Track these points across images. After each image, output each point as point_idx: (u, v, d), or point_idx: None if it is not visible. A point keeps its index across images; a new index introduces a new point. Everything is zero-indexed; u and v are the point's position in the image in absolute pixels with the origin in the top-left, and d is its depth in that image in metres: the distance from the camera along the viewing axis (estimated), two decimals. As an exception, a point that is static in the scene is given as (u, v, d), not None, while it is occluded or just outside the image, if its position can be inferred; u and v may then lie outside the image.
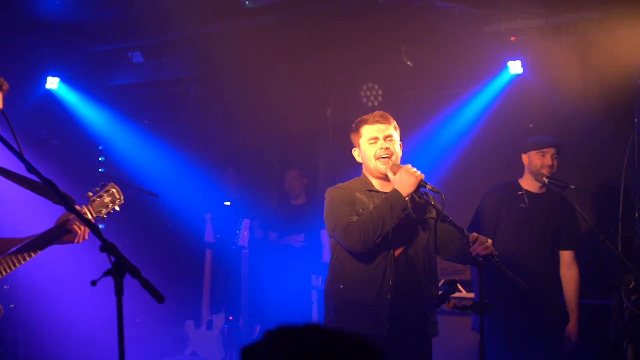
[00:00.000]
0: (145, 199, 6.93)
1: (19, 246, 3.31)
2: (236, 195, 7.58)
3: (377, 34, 6.53)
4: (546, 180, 5.13)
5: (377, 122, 3.87)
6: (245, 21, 6.50)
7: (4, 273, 3.27)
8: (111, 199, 3.60)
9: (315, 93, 7.47)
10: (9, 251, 3.31)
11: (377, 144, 3.83)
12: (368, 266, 3.76)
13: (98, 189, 3.61)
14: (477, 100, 6.79)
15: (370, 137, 3.86)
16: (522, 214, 5.05)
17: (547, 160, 5.07)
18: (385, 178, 3.87)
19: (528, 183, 5.16)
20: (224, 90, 7.77)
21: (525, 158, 5.18)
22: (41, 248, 3.37)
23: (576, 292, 5.15)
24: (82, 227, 3.44)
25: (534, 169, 5.10)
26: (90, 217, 3.51)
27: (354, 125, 3.95)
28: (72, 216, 3.40)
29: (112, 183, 3.64)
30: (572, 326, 5.12)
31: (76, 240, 3.47)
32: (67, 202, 2.48)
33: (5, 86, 3.28)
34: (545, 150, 5.09)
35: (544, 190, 5.15)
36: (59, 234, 3.45)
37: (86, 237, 3.49)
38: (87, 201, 3.55)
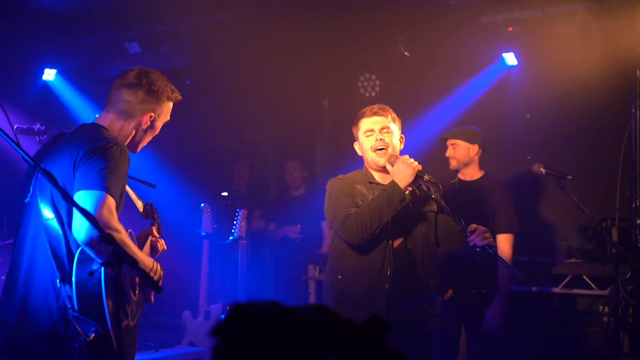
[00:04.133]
0: (142, 190, 6.91)
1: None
2: (234, 186, 7.58)
3: (374, 24, 6.51)
4: (543, 171, 5.15)
5: (375, 114, 3.88)
6: (242, 12, 6.49)
7: None
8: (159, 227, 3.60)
9: (312, 84, 7.46)
10: None
11: (373, 136, 3.84)
12: (366, 257, 3.77)
13: (157, 213, 3.63)
14: (475, 90, 6.79)
15: (366, 129, 3.87)
16: (453, 202, 5.02)
17: (448, 153, 5.29)
18: (384, 170, 3.87)
19: (461, 173, 5.32)
20: (221, 81, 7.75)
21: None
22: None
23: (505, 274, 4.98)
24: (162, 243, 3.47)
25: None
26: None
27: (354, 120, 3.97)
28: (153, 234, 3.43)
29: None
30: (496, 307, 5.01)
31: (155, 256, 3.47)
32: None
33: None
34: (446, 143, 5.31)
35: (476, 177, 5.27)
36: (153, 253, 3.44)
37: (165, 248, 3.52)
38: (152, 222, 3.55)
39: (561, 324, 6.07)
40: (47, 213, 2.88)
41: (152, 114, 3.15)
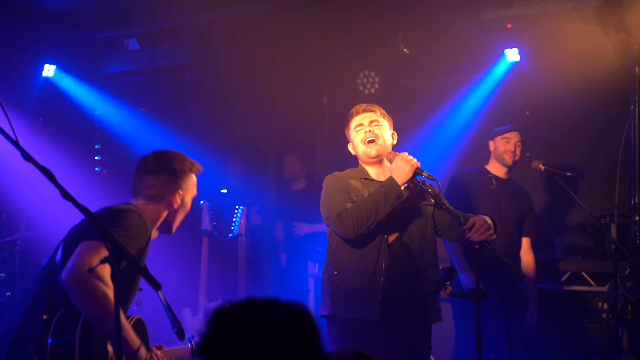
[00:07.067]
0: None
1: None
2: (233, 183, 7.58)
3: (374, 21, 6.51)
4: (543, 168, 5.17)
5: (363, 111, 3.97)
6: (241, 8, 6.48)
7: None
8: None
9: (312, 80, 7.45)
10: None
11: (362, 129, 3.91)
12: (362, 252, 3.79)
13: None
14: (474, 87, 6.79)
15: (356, 125, 3.95)
16: (491, 196, 5.23)
17: (511, 146, 5.27)
18: (378, 164, 3.92)
19: (494, 168, 5.35)
20: (220, 78, 7.74)
21: (491, 145, 5.39)
22: None
23: (534, 276, 5.42)
24: None
25: (498, 154, 5.32)
26: None
27: (345, 122, 4.03)
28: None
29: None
30: (534, 308, 5.37)
31: None
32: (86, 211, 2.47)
33: None
34: (509, 136, 5.29)
35: (507, 176, 5.36)
36: None
37: None
38: (189, 342, 3.54)
39: (560, 320, 6.07)
40: (55, 270, 2.88)
41: (180, 191, 3.23)
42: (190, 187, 3.31)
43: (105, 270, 2.66)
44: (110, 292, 2.68)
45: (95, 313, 2.67)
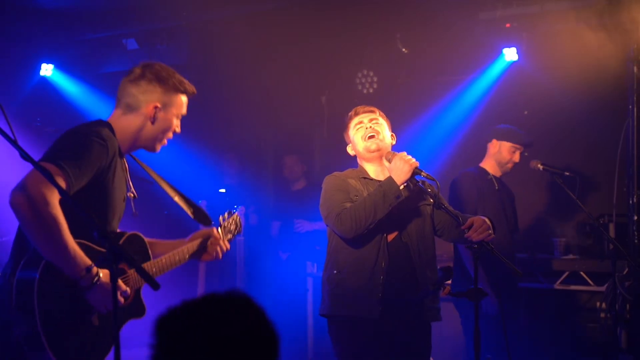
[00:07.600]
0: (140, 186, 6.87)
1: (161, 256, 3.26)
2: (231, 182, 7.57)
3: (372, 20, 6.51)
4: (541, 167, 5.18)
5: (363, 112, 4.00)
6: (240, 8, 6.48)
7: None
8: (235, 227, 3.62)
9: (311, 80, 7.45)
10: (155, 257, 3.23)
11: (362, 127, 3.94)
12: (361, 251, 3.80)
13: (227, 215, 3.60)
14: (473, 87, 6.79)
15: (356, 123, 3.97)
16: (496, 196, 5.21)
17: (516, 157, 5.25)
18: (377, 159, 3.93)
19: (492, 169, 5.31)
20: (219, 78, 7.74)
21: (495, 145, 5.29)
22: (181, 263, 3.33)
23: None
24: (219, 250, 3.46)
25: (501, 159, 5.25)
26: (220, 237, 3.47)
27: (344, 124, 4.05)
28: (210, 236, 3.43)
29: (237, 213, 3.64)
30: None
31: (209, 259, 3.50)
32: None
33: None
34: (519, 146, 5.25)
35: (500, 176, 5.34)
36: (199, 253, 3.46)
37: (220, 257, 3.49)
38: (218, 224, 3.54)
39: (559, 320, 6.08)
40: None
41: (157, 104, 3.06)
42: (174, 105, 3.13)
43: (55, 194, 2.60)
44: (57, 215, 2.61)
45: (39, 234, 2.61)
